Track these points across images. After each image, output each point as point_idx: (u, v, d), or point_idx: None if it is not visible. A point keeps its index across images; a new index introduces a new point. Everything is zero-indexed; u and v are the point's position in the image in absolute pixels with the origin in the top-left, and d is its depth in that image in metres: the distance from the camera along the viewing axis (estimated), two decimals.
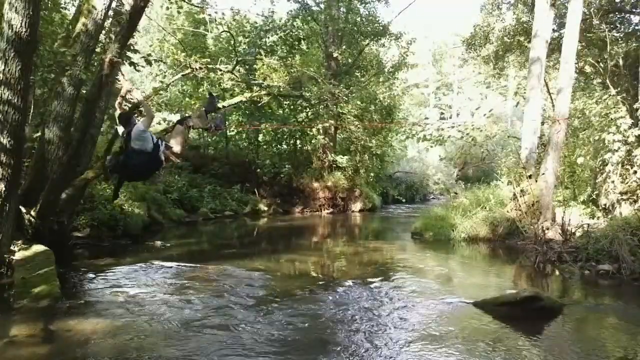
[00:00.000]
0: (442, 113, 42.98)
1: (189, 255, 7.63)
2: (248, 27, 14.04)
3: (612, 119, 9.78)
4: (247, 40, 13.40)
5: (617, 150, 9.49)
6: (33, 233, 5.78)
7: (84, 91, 6.78)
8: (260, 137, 16.30)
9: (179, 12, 13.27)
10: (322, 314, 4.40)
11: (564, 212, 8.29)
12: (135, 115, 5.53)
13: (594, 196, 10.50)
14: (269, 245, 9.37)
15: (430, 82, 44.81)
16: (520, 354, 3.56)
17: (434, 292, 5.34)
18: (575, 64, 10.44)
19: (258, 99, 12.44)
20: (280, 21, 14.51)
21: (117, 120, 5.30)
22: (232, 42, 13.45)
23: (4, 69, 4.25)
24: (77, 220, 7.78)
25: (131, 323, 3.97)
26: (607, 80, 10.84)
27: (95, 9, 6.29)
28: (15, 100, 4.34)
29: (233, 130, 16.86)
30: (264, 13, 14.83)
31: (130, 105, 7.14)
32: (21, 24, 4.23)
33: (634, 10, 12.57)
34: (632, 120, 9.79)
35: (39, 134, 6.75)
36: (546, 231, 8.14)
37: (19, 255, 5.16)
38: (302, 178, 15.77)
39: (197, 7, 12.70)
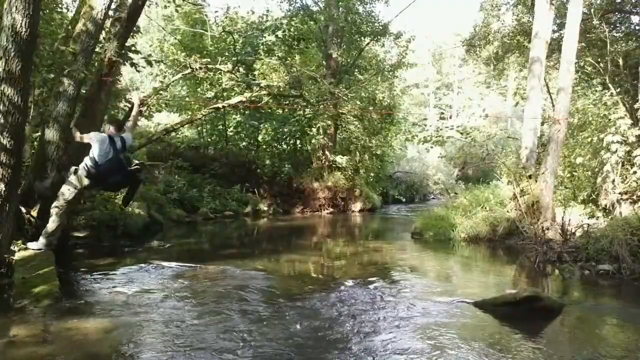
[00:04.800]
0: (442, 113, 43.00)
1: (189, 255, 7.63)
2: (245, 26, 14.04)
3: (611, 120, 9.79)
4: (244, 39, 13.39)
5: (615, 152, 9.49)
6: (33, 233, 5.77)
7: (84, 91, 6.78)
8: (260, 137, 16.31)
9: (177, 12, 13.28)
10: (322, 313, 4.40)
11: (564, 212, 8.30)
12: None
13: (594, 196, 10.51)
14: (269, 245, 9.37)
15: (430, 82, 44.86)
16: (520, 354, 3.56)
17: (434, 292, 5.34)
18: (575, 63, 10.45)
19: (257, 99, 12.45)
20: (276, 20, 14.52)
21: (114, 124, 5.44)
22: (231, 41, 13.46)
23: (4, 69, 4.25)
24: (76, 220, 7.78)
25: (131, 323, 3.97)
26: (607, 80, 10.84)
27: (95, 9, 6.29)
28: (16, 100, 4.34)
29: (232, 131, 16.89)
30: (254, 11, 14.87)
31: (130, 106, 7.17)
32: (21, 23, 4.22)
33: (634, 10, 12.57)
34: (632, 121, 9.80)
35: (39, 134, 6.75)
36: (546, 231, 8.15)
37: (19, 256, 5.16)
38: (302, 178, 15.77)
39: (195, 5, 12.71)
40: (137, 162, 5.75)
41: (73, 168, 5.36)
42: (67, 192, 5.36)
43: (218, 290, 5.14)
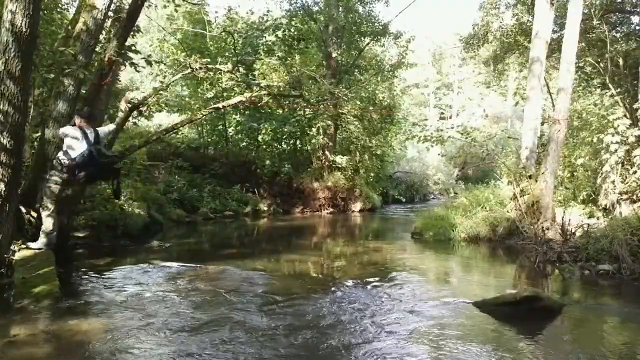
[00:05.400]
0: (442, 113, 43.00)
1: (189, 255, 7.63)
2: (244, 26, 14.05)
3: (609, 121, 9.79)
4: (244, 39, 13.39)
5: (614, 152, 9.49)
6: (33, 233, 5.77)
7: (84, 91, 6.78)
8: (260, 137, 16.34)
9: (176, 11, 13.29)
10: (322, 314, 4.40)
11: (564, 212, 8.30)
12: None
13: (594, 196, 10.51)
14: (269, 245, 9.37)
15: (430, 82, 44.87)
16: (520, 354, 3.56)
17: (434, 292, 5.34)
18: (575, 63, 10.46)
19: (257, 99, 12.45)
20: (276, 20, 14.53)
21: (83, 115, 5.49)
22: (232, 42, 13.44)
23: (3, 69, 4.25)
24: (76, 220, 7.78)
25: (131, 323, 3.97)
26: (607, 81, 10.84)
27: (96, 8, 6.30)
28: (16, 100, 4.34)
29: (232, 130, 16.89)
30: (254, 12, 14.88)
31: (130, 106, 7.17)
32: (21, 23, 4.23)
33: (634, 10, 12.58)
34: (631, 121, 9.81)
35: (39, 134, 6.75)
36: (546, 231, 8.15)
37: (19, 256, 5.16)
38: (302, 178, 15.77)
39: (195, 4, 12.70)
40: (110, 153, 5.76)
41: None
42: (49, 188, 5.40)
43: (218, 290, 5.14)
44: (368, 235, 11.45)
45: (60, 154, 5.29)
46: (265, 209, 14.85)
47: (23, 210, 5.79)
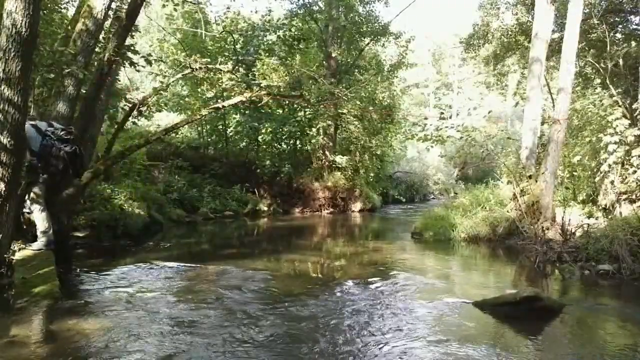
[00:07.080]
0: (442, 113, 42.91)
1: (189, 255, 7.63)
2: (245, 26, 14.05)
3: (608, 121, 9.78)
4: (245, 39, 13.41)
5: (613, 152, 9.49)
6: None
7: (84, 91, 6.78)
8: (260, 137, 16.35)
9: (175, 10, 13.30)
10: (321, 314, 4.40)
11: (564, 212, 8.30)
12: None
13: (593, 196, 10.51)
14: (269, 245, 9.37)
15: (430, 82, 44.87)
16: (520, 354, 3.56)
17: (434, 292, 5.34)
18: (575, 63, 10.45)
19: (258, 99, 12.46)
20: (277, 21, 14.51)
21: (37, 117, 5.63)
22: (232, 41, 13.45)
23: (3, 69, 4.24)
24: (76, 220, 7.78)
25: (131, 323, 3.97)
26: (607, 81, 10.84)
27: (95, 9, 6.30)
28: (15, 100, 4.34)
29: (232, 130, 16.89)
30: (258, 11, 14.92)
31: (130, 105, 7.18)
32: (21, 23, 4.22)
33: (634, 10, 12.58)
34: (630, 121, 9.80)
35: None
36: (546, 231, 8.14)
37: (19, 256, 5.16)
38: (302, 178, 15.77)
39: (194, 3, 12.69)
40: (61, 132, 5.54)
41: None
42: (32, 190, 5.44)
43: (218, 290, 5.14)
44: (368, 235, 11.45)
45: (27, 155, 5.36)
46: (265, 209, 14.84)
47: (24, 210, 5.80)
